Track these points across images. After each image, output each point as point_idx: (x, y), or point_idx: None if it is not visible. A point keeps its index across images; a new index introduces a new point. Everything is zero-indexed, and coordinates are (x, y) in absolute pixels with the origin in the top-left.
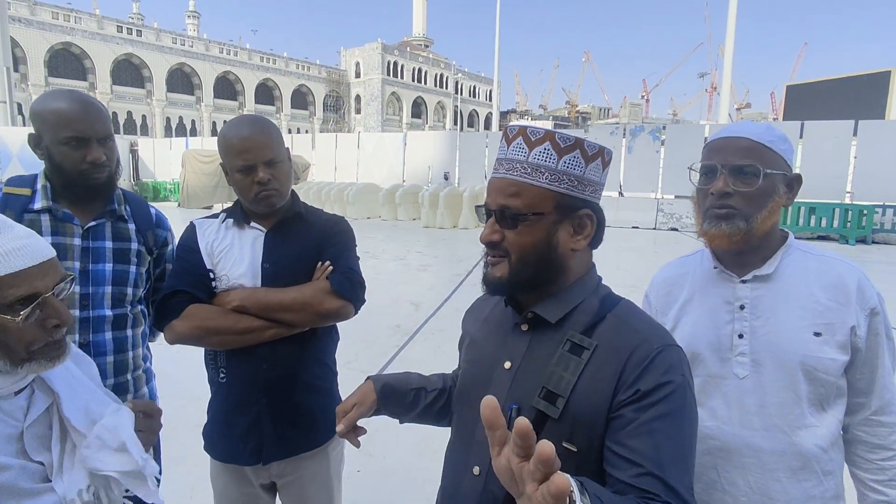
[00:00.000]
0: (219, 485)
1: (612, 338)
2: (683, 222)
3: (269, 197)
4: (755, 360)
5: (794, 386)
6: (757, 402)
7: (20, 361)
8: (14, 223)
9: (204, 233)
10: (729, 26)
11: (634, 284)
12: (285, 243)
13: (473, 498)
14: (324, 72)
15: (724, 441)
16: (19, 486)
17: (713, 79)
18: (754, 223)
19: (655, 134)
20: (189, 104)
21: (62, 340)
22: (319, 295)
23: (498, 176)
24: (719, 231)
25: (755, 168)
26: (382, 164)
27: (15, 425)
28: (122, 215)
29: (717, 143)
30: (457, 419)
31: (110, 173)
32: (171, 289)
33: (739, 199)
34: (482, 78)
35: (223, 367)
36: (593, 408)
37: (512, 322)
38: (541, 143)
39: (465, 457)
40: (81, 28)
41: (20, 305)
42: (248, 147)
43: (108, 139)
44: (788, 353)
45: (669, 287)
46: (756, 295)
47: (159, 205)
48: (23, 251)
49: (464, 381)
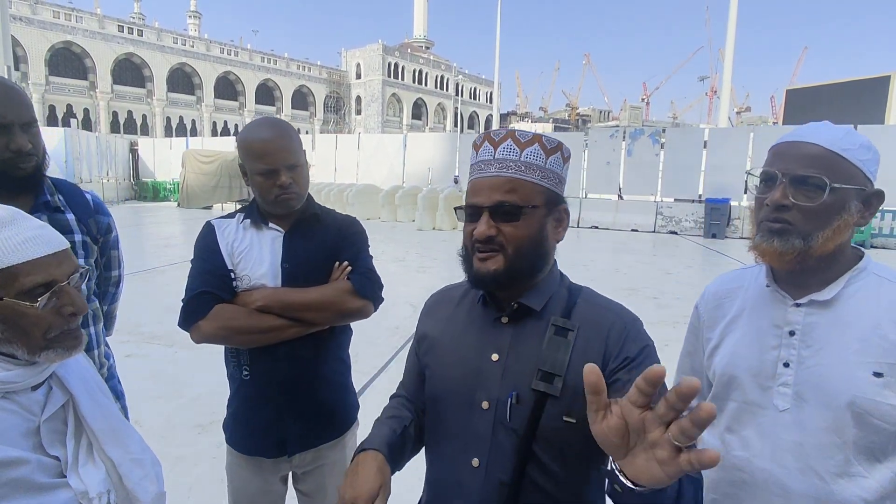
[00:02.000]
0: (238, 476)
1: (590, 318)
2: (682, 226)
3: (289, 200)
4: (798, 394)
5: (840, 428)
6: (794, 439)
7: (38, 349)
8: (28, 215)
9: (223, 233)
10: (729, 30)
11: (633, 287)
12: (303, 244)
13: (475, 488)
14: (324, 72)
15: (753, 475)
16: (36, 481)
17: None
18: (813, 242)
19: (655, 137)
20: (189, 104)
21: (77, 329)
22: (341, 295)
23: (489, 175)
24: (770, 247)
25: (820, 180)
26: (382, 165)
27: (32, 419)
28: (57, 206)
29: (781, 147)
30: (441, 419)
31: (38, 163)
32: (196, 290)
33: (798, 214)
34: (483, 80)
35: (246, 365)
36: None
37: (491, 317)
38: (531, 145)
39: (462, 451)
40: (82, 27)
41: (38, 293)
42: (270, 151)
43: (32, 125)
44: (837, 391)
45: (720, 300)
46: (809, 321)
47: (159, 205)
48: (39, 240)
49: (442, 382)
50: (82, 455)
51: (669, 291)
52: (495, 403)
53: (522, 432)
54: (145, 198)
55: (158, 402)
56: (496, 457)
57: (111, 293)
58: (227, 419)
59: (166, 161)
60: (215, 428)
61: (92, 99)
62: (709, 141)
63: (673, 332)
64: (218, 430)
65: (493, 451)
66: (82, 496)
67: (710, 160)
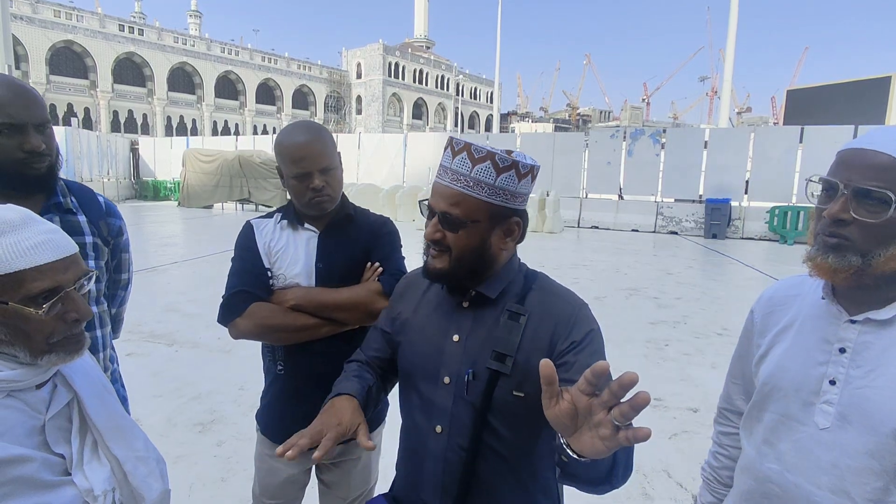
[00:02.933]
0: (268, 465)
1: (541, 303)
2: (683, 226)
3: (322, 202)
4: (841, 414)
5: (881, 455)
6: (832, 459)
7: (40, 353)
8: (40, 218)
9: (261, 233)
10: (730, 30)
11: (633, 287)
12: (337, 244)
13: (439, 451)
14: (325, 72)
15: (785, 489)
16: (41, 479)
17: (714, 83)
18: (873, 261)
19: (656, 137)
20: (190, 103)
21: (81, 334)
22: (371, 296)
23: (444, 183)
24: (825, 262)
25: (886, 196)
26: (383, 164)
27: (37, 417)
28: (69, 208)
29: (846, 155)
30: (409, 391)
31: (51, 163)
32: (235, 288)
33: (858, 229)
34: (483, 80)
35: (281, 361)
36: (536, 360)
37: (453, 302)
38: (483, 162)
39: (427, 420)
40: (83, 26)
41: (43, 298)
42: (305, 155)
43: (46, 126)
44: (884, 417)
45: (773, 307)
46: (863, 340)
47: (159, 204)
48: (47, 245)
49: (412, 358)
50: (87, 453)
51: (670, 292)
52: (455, 378)
53: (478, 404)
54: (146, 197)
55: (159, 401)
56: (456, 425)
57: (120, 296)
58: (260, 410)
59: (167, 160)
60: (216, 427)
61: (92, 98)
62: (709, 141)
63: (673, 332)
64: (218, 428)
65: (454, 420)
66: (87, 494)
67: (710, 160)
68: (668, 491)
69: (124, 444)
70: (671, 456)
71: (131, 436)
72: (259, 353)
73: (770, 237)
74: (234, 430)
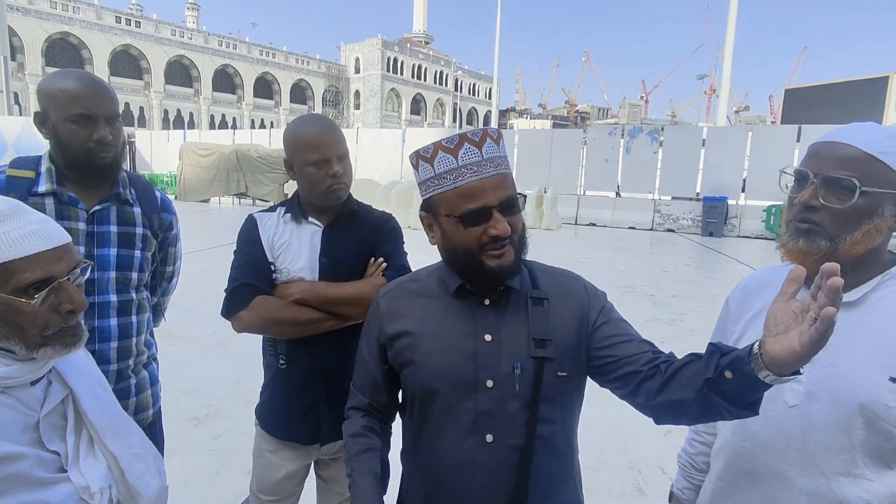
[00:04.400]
0: (267, 461)
1: (554, 285)
2: (680, 223)
3: (339, 190)
4: (809, 392)
5: (848, 430)
6: (801, 435)
7: (35, 346)
8: (29, 208)
9: (265, 226)
10: (729, 28)
11: (630, 285)
12: (341, 239)
13: (491, 462)
14: (323, 66)
15: (755, 466)
16: (35, 476)
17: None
18: (840, 244)
19: (654, 135)
20: (187, 97)
21: (77, 326)
22: (375, 291)
23: (488, 174)
24: (796, 247)
25: (851, 183)
26: (381, 160)
27: (31, 415)
28: (127, 199)
29: (816, 147)
30: (441, 407)
31: (116, 154)
32: (238, 281)
33: (827, 215)
34: (482, 76)
35: (283, 354)
36: (571, 337)
37: (473, 303)
38: (501, 139)
39: (473, 431)
40: (80, 18)
41: (35, 289)
42: (324, 142)
43: (116, 119)
44: (850, 392)
45: (748, 295)
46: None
47: None
48: (37, 235)
49: (437, 372)
50: (83, 450)
51: (666, 289)
52: (499, 379)
53: (529, 397)
54: None
55: (159, 387)
56: (507, 427)
57: (164, 286)
58: (260, 405)
59: (163, 154)
60: (211, 421)
61: None
62: (707, 139)
63: (669, 329)
64: (213, 422)
65: (504, 423)
66: (83, 491)
67: (708, 159)
68: (662, 486)
69: (120, 440)
70: (666, 452)
71: (127, 432)
72: (256, 348)
73: (766, 235)
74: (230, 425)
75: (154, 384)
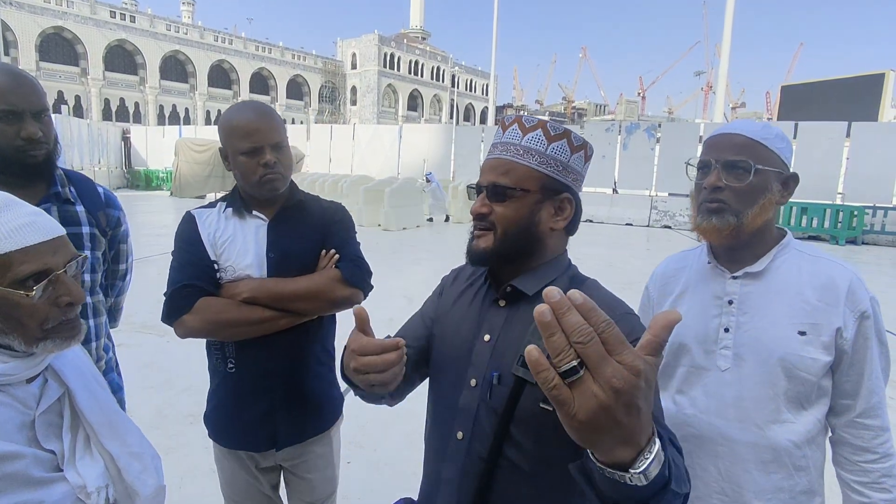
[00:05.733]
0: (227, 470)
1: None
2: (677, 220)
3: (274, 181)
4: (737, 354)
5: (773, 382)
6: (735, 394)
7: (35, 340)
8: (21, 201)
9: (204, 223)
10: (726, 25)
11: (628, 282)
12: (289, 232)
13: (459, 459)
14: (320, 62)
15: (700, 429)
16: (32, 475)
17: (709, 78)
18: (745, 219)
19: (651, 131)
20: (183, 92)
21: (76, 320)
22: (331, 283)
23: (492, 156)
24: (710, 225)
25: (747, 164)
26: (377, 156)
27: (27, 413)
28: (67, 198)
29: (713, 140)
30: (436, 390)
31: (48, 151)
32: (179, 283)
33: (731, 193)
34: (479, 72)
35: (231, 358)
36: None
37: (490, 298)
38: (534, 130)
39: (449, 423)
40: (74, 12)
41: (33, 281)
42: (256, 129)
43: (44, 113)
44: (769, 350)
45: (667, 280)
46: (745, 291)
47: (151, 193)
48: (33, 227)
49: (440, 355)
50: (80, 448)
51: None
52: (481, 382)
53: (501, 412)
54: (137, 186)
55: (150, 392)
56: (478, 432)
57: (118, 286)
58: (208, 413)
59: (159, 149)
60: None
61: (83, 86)
62: (704, 136)
63: None
64: None
65: (476, 427)
66: (80, 490)
67: None
68: None
69: (118, 439)
70: None
71: (125, 431)
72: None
73: None
74: None
75: (118, 391)
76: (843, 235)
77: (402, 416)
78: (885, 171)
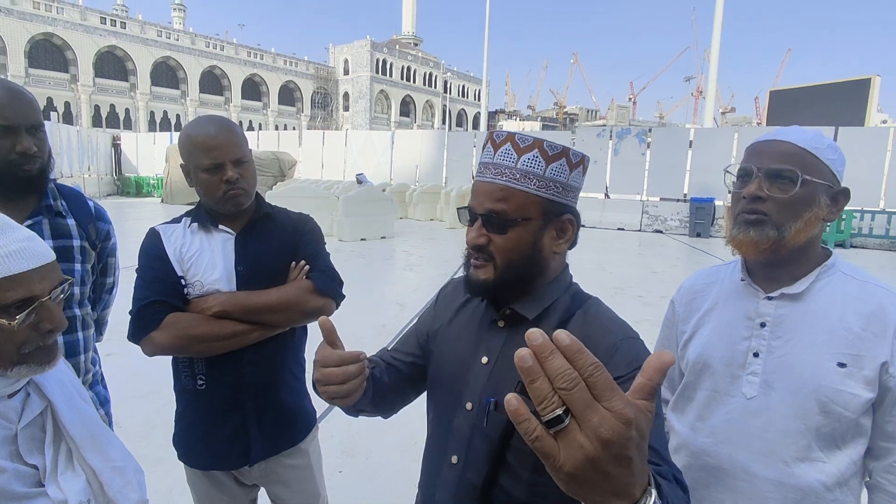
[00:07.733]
0: (202, 491)
1: (581, 332)
2: (668, 224)
3: (237, 196)
4: (766, 382)
5: (804, 416)
6: (761, 425)
7: (10, 364)
8: (16, 224)
9: (169, 239)
10: (715, 31)
11: (619, 286)
12: (257, 245)
13: (451, 485)
14: (312, 68)
15: (719, 460)
16: (13, 490)
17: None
18: (786, 233)
19: (642, 136)
20: (174, 98)
21: (54, 345)
22: (303, 294)
23: (486, 180)
24: (747, 237)
25: (793, 173)
26: (370, 162)
27: (9, 427)
28: (59, 211)
29: (757, 146)
30: (434, 408)
31: (42, 165)
32: (146, 299)
33: (773, 205)
34: (471, 78)
35: (202, 374)
36: None
37: (488, 319)
38: (530, 151)
39: (444, 447)
40: (63, 18)
41: (16, 309)
42: (217, 145)
43: (39, 129)
44: (803, 380)
45: (694, 295)
46: (780, 314)
47: (142, 200)
48: (23, 254)
49: (438, 372)
50: (62, 463)
51: (654, 290)
52: (477, 406)
53: (497, 439)
54: (128, 193)
55: (138, 402)
56: (472, 458)
57: (105, 299)
58: (177, 434)
59: (150, 156)
60: None
61: (73, 92)
62: (694, 141)
63: (657, 330)
64: None
65: (470, 453)
66: None
67: (695, 160)
68: None
69: (100, 453)
70: None
71: (107, 445)
72: None
73: None
74: None
75: (104, 404)
76: (832, 239)
77: (394, 424)
78: (872, 174)
